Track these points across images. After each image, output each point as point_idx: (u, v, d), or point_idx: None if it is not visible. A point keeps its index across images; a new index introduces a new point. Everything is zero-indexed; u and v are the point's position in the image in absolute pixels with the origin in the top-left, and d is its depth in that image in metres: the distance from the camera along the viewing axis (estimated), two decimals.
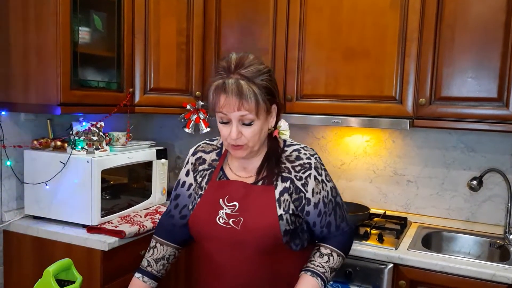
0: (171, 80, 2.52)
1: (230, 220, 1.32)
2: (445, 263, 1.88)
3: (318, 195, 1.35)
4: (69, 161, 2.10)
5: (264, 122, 1.30)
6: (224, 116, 1.26)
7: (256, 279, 1.34)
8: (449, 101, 2.08)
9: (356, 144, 2.60)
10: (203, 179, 1.43)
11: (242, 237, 1.30)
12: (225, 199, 1.35)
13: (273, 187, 1.33)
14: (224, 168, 1.42)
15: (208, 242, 1.37)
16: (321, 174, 1.37)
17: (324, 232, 1.41)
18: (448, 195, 2.42)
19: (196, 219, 1.38)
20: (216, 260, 1.36)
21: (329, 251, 1.40)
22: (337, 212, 1.42)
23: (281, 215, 1.31)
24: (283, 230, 1.30)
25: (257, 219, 1.30)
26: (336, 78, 2.25)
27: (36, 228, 2.12)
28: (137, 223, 2.16)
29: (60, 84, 2.00)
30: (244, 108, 1.23)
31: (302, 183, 1.34)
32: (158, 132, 3.06)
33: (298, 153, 1.38)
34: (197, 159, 1.47)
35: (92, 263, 2.00)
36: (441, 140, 2.41)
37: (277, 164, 1.35)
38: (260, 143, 1.33)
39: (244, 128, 1.27)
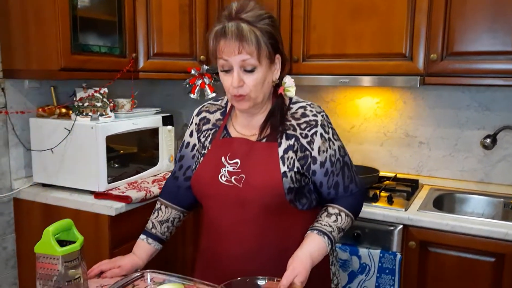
0: (175, 44, 2.46)
1: (232, 178, 1.28)
2: (455, 223, 1.83)
3: (324, 153, 1.30)
4: (74, 127, 2.08)
5: (267, 71, 1.26)
6: (225, 63, 1.22)
7: (264, 242, 1.29)
8: (461, 56, 1.99)
9: (366, 106, 2.53)
10: (207, 139, 1.39)
11: (244, 195, 1.26)
12: (227, 157, 1.31)
13: (277, 144, 1.28)
14: (228, 127, 1.38)
15: (211, 202, 1.33)
16: (328, 132, 1.31)
17: (332, 193, 1.35)
18: (461, 156, 2.35)
19: (198, 178, 1.34)
20: (221, 221, 1.32)
21: (337, 211, 1.34)
22: (345, 172, 1.36)
23: (285, 172, 1.26)
24: (287, 187, 1.26)
25: (259, 176, 1.26)
26: (343, 36, 2.17)
27: (45, 195, 2.14)
28: (144, 189, 2.15)
29: (60, 48, 1.97)
30: (245, 51, 1.19)
31: (307, 141, 1.29)
32: (165, 100, 3.03)
33: (304, 110, 1.33)
34: (201, 119, 1.43)
35: (100, 228, 2.01)
36: (454, 99, 2.33)
37: (281, 121, 1.31)
38: (264, 94, 1.28)
39: (246, 75, 1.23)
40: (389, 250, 1.96)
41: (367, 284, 1.98)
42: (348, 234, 2.01)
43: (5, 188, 2.18)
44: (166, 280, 1.31)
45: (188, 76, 2.49)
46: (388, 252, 1.94)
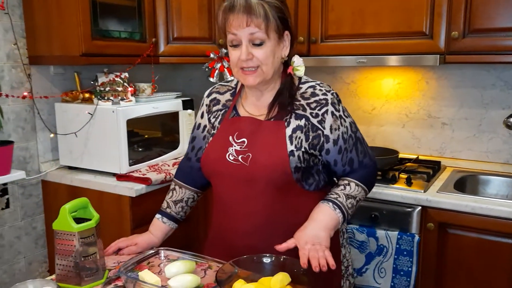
0: (194, 28, 2.48)
1: (239, 157, 1.30)
2: (475, 204, 1.79)
3: (337, 131, 1.30)
4: (96, 111, 2.15)
5: (276, 46, 1.26)
6: (234, 38, 1.24)
7: (271, 219, 1.31)
8: (484, 33, 1.92)
9: (388, 87, 2.49)
10: (217, 119, 1.41)
11: (251, 173, 1.28)
12: (234, 136, 1.33)
13: (284, 123, 1.29)
14: (237, 107, 1.39)
15: (219, 180, 1.36)
16: (338, 110, 1.31)
17: (347, 170, 1.35)
18: (485, 137, 2.28)
19: (207, 158, 1.37)
20: (229, 199, 1.34)
21: (346, 182, 1.34)
22: (359, 147, 1.36)
23: (292, 151, 1.27)
24: (294, 166, 1.26)
25: (265, 154, 1.27)
26: (362, 15, 2.13)
27: (70, 177, 2.22)
28: (164, 171, 2.20)
29: (81, 34, 2.02)
30: (253, 24, 1.20)
31: (318, 120, 1.29)
32: (186, 85, 3.07)
33: (313, 90, 1.32)
34: (212, 100, 1.46)
35: (121, 209, 2.08)
36: (478, 78, 2.25)
37: (290, 100, 1.31)
38: (274, 70, 1.28)
39: (255, 49, 1.23)
40: (407, 232, 1.94)
41: (384, 266, 1.97)
42: (365, 215, 2.00)
43: (33, 170, 2.28)
44: (180, 257, 1.34)
45: (207, 60, 2.51)
46: (406, 234, 1.92)
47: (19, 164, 2.21)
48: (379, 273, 1.99)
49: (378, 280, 2.00)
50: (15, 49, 2.15)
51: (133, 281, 1.19)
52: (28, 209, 2.29)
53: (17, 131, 2.20)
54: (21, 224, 2.26)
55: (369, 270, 2.01)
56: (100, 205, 2.13)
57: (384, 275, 1.98)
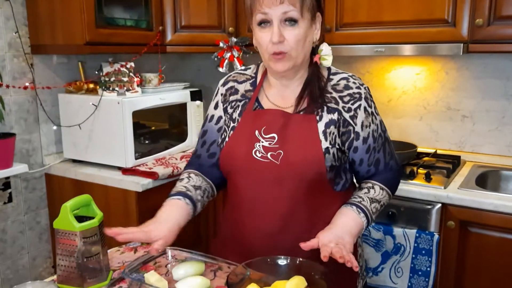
0: (203, 16, 2.38)
1: (268, 154, 1.19)
2: (500, 202, 1.69)
3: (367, 128, 1.21)
4: (101, 103, 2.06)
5: (309, 28, 1.16)
6: (264, 17, 1.13)
7: (293, 220, 1.21)
8: (510, 20, 1.80)
9: (405, 78, 2.38)
10: (235, 111, 1.29)
11: (282, 172, 1.18)
12: (261, 131, 1.21)
13: (315, 117, 1.19)
14: (260, 99, 1.28)
15: (243, 178, 1.24)
16: (371, 106, 1.22)
17: (371, 171, 1.27)
18: (508, 130, 2.17)
19: (229, 153, 1.25)
20: (252, 198, 1.23)
21: (370, 185, 1.26)
22: (386, 148, 1.28)
23: (328, 148, 1.17)
24: (329, 165, 1.17)
25: (299, 152, 1.17)
26: (379, 1, 2.02)
27: (74, 171, 2.15)
28: (171, 165, 2.12)
29: (85, 22, 1.94)
30: (288, 1, 1.10)
31: (350, 115, 1.19)
32: (195, 75, 2.97)
33: (346, 82, 1.22)
34: (228, 89, 1.33)
35: (127, 203, 2.01)
36: (501, 69, 2.14)
37: (321, 92, 1.21)
38: (304, 54, 1.18)
39: (286, 30, 1.13)
40: (426, 230, 1.84)
41: (401, 265, 1.88)
42: (382, 212, 1.89)
43: (37, 163, 2.21)
44: (188, 258, 1.26)
45: (216, 49, 2.41)
46: (425, 232, 1.83)
47: (22, 157, 2.14)
48: (396, 273, 1.91)
49: (395, 280, 1.91)
50: (17, 38, 2.06)
51: (138, 283, 1.11)
52: (32, 203, 2.22)
53: (20, 123, 2.12)
54: (24, 218, 2.19)
55: (385, 270, 1.92)
56: (105, 200, 2.06)
57: (401, 275, 1.89)
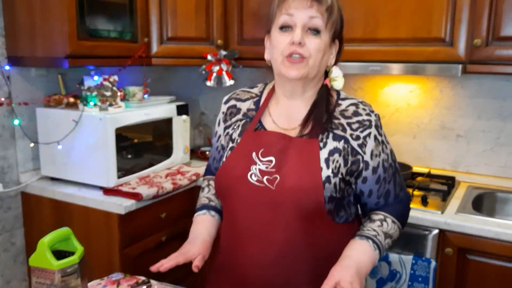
0: (190, 28, 2.29)
1: (264, 178, 1.12)
2: (500, 229, 1.63)
3: (377, 158, 1.14)
4: (81, 119, 1.95)
5: (328, 47, 1.12)
6: (289, 19, 1.09)
7: (292, 251, 1.13)
8: (510, 41, 1.75)
9: (398, 95, 2.32)
10: (235, 131, 1.23)
11: (277, 198, 1.10)
12: (259, 153, 1.15)
13: (318, 142, 1.12)
14: (262, 120, 1.21)
15: (237, 203, 1.17)
16: (381, 134, 1.16)
17: (381, 203, 1.20)
18: (504, 151, 2.13)
19: (224, 175, 1.18)
20: (246, 225, 1.16)
21: (382, 217, 1.19)
22: (397, 179, 1.21)
23: (329, 177, 1.10)
24: (328, 195, 1.09)
25: (296, 178, 1.10)
26: (376, 17, 1.96)
27: (52, 190, 2.02)
28: (156, 185, 2.01)
29: (66, 34, 1.82)
30: (316, 9, 1.08)
31: (359, 143, 1.13)
32: (181, 87, 2.87)
33: (356, 108, 1.16)
34: (230, 107, 1.28)
35: (109, 226, 1.89)
36: (498, 89, 2.09)
37: (328, 116, 1.15)
38: (318, 70, 1.13)
39: (309, 37, 1.09)
40: (423, 257, 1.78)
41: None
42: None
43: (12, 181, 2.08)
44: None
45: (204, 62, 2.32)
46: (422, 259, 1.76)
47: None
48: None
49: None
50: None
51: None
52: (6, 223, 2.08)
53: None
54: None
55: None
56: (86, 222, 1.95)
57: None
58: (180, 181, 2.12)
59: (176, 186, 2.07)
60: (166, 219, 2.08)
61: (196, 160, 2.54)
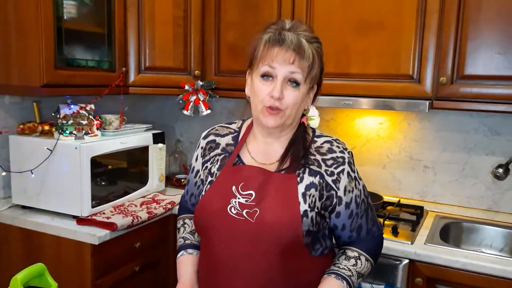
0: (168, 58, 2.33)
1: (243, 211, 1.15)
2: (466, 260, 1.70)
3: (350, 193, 1.20)
4: (56, 147, 1.94)
5: (306, 94, 1.18)
6: (270, 71, 1.13)
7: (269, 284, 1.16)
8: (473, 79, 1.86)
9: (368, 126, 2.41)
10: (214, 165, 1.26)
11: (256, 232, 1.13)
12: (239, 187, 1.18)
13: (296, 177, 1.17)
14: (241, 154, 1.25)
15: (216, 235, 1.19)
16: (354, 171, 1.22)
17: (353, 237, 1.25)
18: (468, 182, 2.22)
19: (204, 209, 1.20)
20: (225, 257, 1.18)
21: (357, 254, 1.24)
22: (369, 214, 1.26)
23: (306, 211, 1.14)
24: (306, 229, 1.13)
25: (275, 212, 1.13)
26: (347, 54, 2.05)
27: (24, 219, 1.98)
28: (130, 214, 2.01)
29: (43, 63, 1.83)
30: (298, 65, 1.12)
31: (333, 179, 1.18)
32: (158, 114, 2.89)
33: (330, 145, 1.22)
34: (209, 143, 1.31)
35: (81, 257, 1.86)
36: (461, 123, 2.21)
37: (305, 153, 1.20)
38: (296, 118, 1.19)
39: (288, 89, 1.14)
40: (394, 286, 1.82)
41: None
42: None
43: None
44: None
45: (181, 91, 2.35)
46: None
47: None
48: None
49: None
50: None
51: None
52: None
53: None
54: None
55: None
56: (57, 253, 1.92)
57: None
58: (155, 210, 2.12)
59: (151, 215, 2.07)
60: (140, 248, 2.07)
61: (171, 188, 2.54)
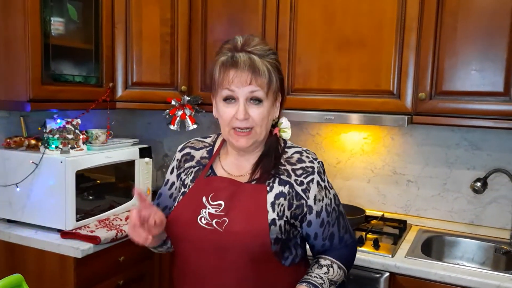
0: (155, 74, 2.37)
1: (213, 221, 1.17)
2: (445, 273, 1.72)
3: (320, 202, 1.22)
4: (42, 161, 1.96)
5: (271, 107, 1.20)
6: (231, 94, 1.15)
7: None
8: (451, 95, 1.91)
9: (353, 141, 2.44)
10: (188, 177, 1.29)
11: (225, 241, 1.16)
12: (209, 197, 1.21)
13: (265, 187, 1.19)
14: (214, 166, 1.28)
15: (187, 246, 1.22)
16: (324, 180, 1.24)
17: (326, 245, 1.28)
18: (450, 196, 2.26)
19: (175, 219, 1.23)
20: (196, 267, 1.20)
21: (329, 262, 1.26)
22: (341, 222, 1.29)
23: (274, 219, 1.16)
24: (274, 237, 1.15)
25: (243, 221, 1.16)
26: (329, 70, 2.09)
27: (8, 232, 1.99)
28: (115, 228, 2.02)
29: (30, 78, 1.87)
30: (256, 83, 1.14)
31: (303, 188, 1.21)
32: (145, 129, 2.92)
33: (300, 156, 1.25)
34: (184, 155, 1.34)
35: (65, 270, 1.87)
36: (443, 137, 2.25)
37: (275, 164, 1.22)
38: (266, 132, 1.21)
39: (252, 108, 1.16)
40: None
41: None
42: None
43: None
44: None
45: (168, 106, 2.39)
46: None
47: None
48: None
49: None
50: None
51: None
52: None
53: None
54: None
55: None
56: (41, 266, 1.92)
57: None
58: None
59: None
60: (124, 262, 2.07)
61: None
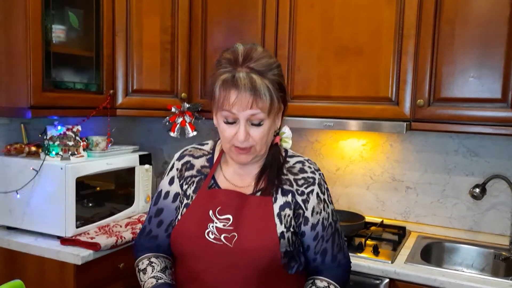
0: (155, 81, 2.38)
1: (221, 236, 1.15)
2: (444, 279, 1.72)
3: (317, 215, 1.21)
4: (42, 168, 1.96)
5: (272, 122, 1.17)
6: (231, 115, 1.12)
7: None
8: (449, 102, 1.93)
9: (352, 148, 2.45)
10: (190, 187, 1.25)
11: (235, 256, 1.14)
12: (216, 211, 1.18)
13: (272, 199, 1.18)
14: (216, 177, 1.26)
15: (194, 261, 1.19)
16: (324, 193, 1.23)
17: (318, 260, 1.25)
18: (449, 203, 2.26)
19: (181, 234, 1.20)
20: (203, 282, 1.18)
21: (326, 284, 1.23)
22: (335, 239, 1.26)
23: (283, 233, 1.15)
24: (284, 251, 1.15)
25: (254, 236, 1.14)
26: (328, 78, 2.11)
27: (7, 239, 1.99)
28: (115, 234, 2.02)
29: (31, 85, 1.88)
30: (257, 106, 1.10)
31: (303, 198, 1.20)
32: (145, 136, 2.93)
33: (302, 166, 1.24)
34: (184, 164, 1.30)
35: (64, 277, 1.87)
36: (441, 144, 2.26)
37: (278, 174, 1.21)
38: (267, 146, 1.20)
39: (252, 128, 1.13)
40: None
41: None
42: None
43: None
44: None
45: (168, 113, 2.40)
46: None
47: None
48: None
49: None
50: None
51: None
52: None
53: None
54: None
55: None
56: (40, 273, 1.92)
57: None
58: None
59: (136, 235, 2.08)
60: (124, 269, 2.07)
61: None
